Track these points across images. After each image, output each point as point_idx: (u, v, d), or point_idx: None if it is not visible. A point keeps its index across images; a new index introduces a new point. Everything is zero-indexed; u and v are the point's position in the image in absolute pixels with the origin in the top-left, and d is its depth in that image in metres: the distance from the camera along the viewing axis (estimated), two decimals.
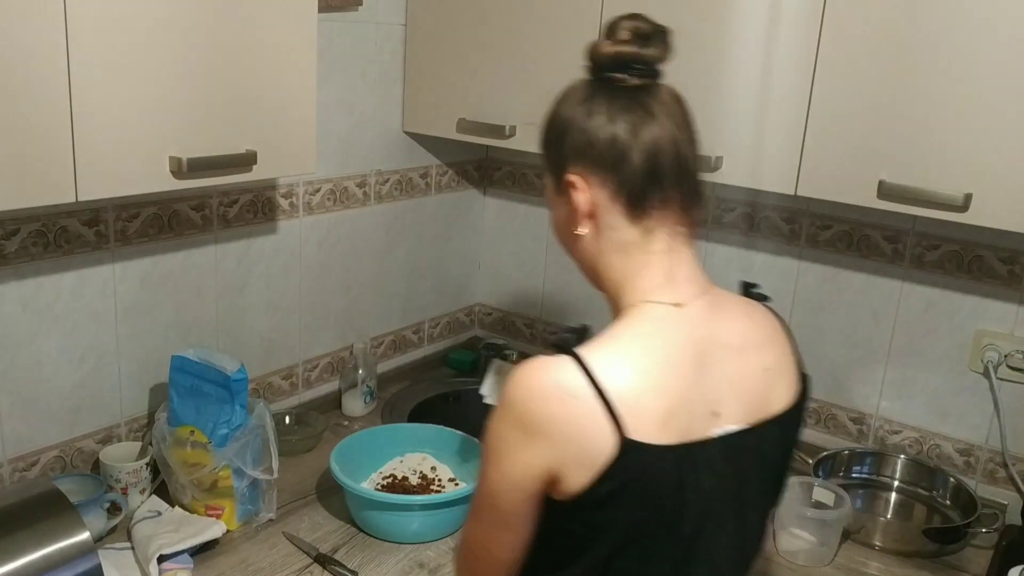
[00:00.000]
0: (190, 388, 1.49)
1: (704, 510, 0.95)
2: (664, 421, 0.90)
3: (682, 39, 1.56)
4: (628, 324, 0.95)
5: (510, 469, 0.91)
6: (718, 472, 0.94)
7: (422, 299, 2.21)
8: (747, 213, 1.90)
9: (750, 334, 1.01)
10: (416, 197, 2.11)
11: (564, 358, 0.89)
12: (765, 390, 1.00)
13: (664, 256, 0.96)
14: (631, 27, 0.95)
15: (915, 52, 1.36)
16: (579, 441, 0.88)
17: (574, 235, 0.99)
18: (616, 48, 0.95)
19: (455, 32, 1.87)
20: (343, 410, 1.97)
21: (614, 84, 0.95)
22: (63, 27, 1.10)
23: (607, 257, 0.98)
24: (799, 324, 1.88)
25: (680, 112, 0.97)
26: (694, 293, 0.97)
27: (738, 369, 0.98)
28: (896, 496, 1.76)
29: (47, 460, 1.51)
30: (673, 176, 0.95)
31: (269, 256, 1.80)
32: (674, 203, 0.96)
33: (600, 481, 0.88)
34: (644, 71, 0.95)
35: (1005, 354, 1.65)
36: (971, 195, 1.35)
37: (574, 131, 0.96)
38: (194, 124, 1.29)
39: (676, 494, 0.92)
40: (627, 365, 0.90)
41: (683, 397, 0.92)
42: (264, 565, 1.42)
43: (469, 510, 1.00)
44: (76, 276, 1.48)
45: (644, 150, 0.93)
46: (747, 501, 1.00)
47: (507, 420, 0.91)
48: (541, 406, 0.88)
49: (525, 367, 0.91)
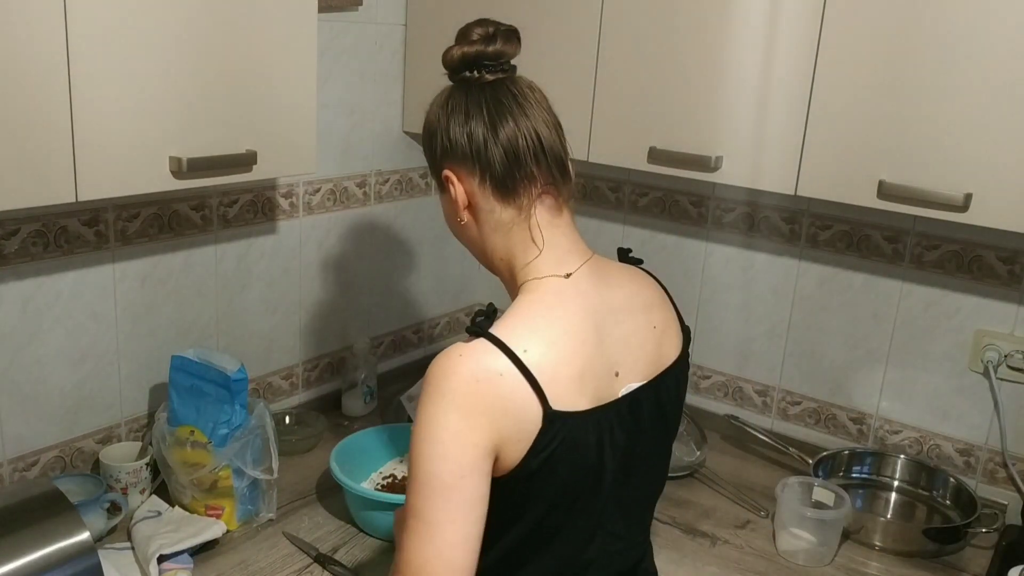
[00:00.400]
0: (190, 388, 1.49)
1: (618, 464, 1.04)
2: (578, 388, 0.98)
3: (682, 39, 1.57)
4: (528, 300, 1.03)
5: (459, 454, 0.93)
6: (627, 427, 1.04)
7: (422, 299, 2.21)
8: (747, 213, 1.90)
9: (635, 296, 1.11)
10: (416, 197, 2.11)
11: (482, 341, 0.96)
12: (657, 347, 1.10)
13: (536, 232, 1.05)
14: (478, 31, 1.06)
15: (915, 52, 1.36)
16: (513, 416, 0.94)
17: (460, 225, 1.09)
18: (462, 50, 1.06)
19: (455, 32, 1.86)
20: (343, 410, 1.97)
21: (470, 83, 1.06)
22: (63, 27, 1.10)
23: (491, 239, 1.08)
24: (799, 324, 1.88)
25: (536, 99, 1.06)
26: (577, 262, 1.06)
27: (630, 329, 1.07)
28: (896, 496, 1.76)
29: (47, 460, 1.51)
30: (532, 156, 1.03)
31: (269, 256, 1.80)
32: (538, 180, 1.05)
33: (532, 454, 0.95)
34: (494, 67, 1.05)
35: (1005, 354, 1.65)
36: (971, 195, 1.35)
37: (439, 133, 1.07)
38: (194, 124, 1.29)
39: (597, 454, 1.01)
40: (537, 339, 0.97)
41: (589, 362, 1.00)
42: (264, 565, 1.42)
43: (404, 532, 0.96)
44: (76, 276, 1.48)
45: (500, 137, 1.03)
46: (650, 448, 1.10)
47: (444, 408, 0.93)
48: (474, 388, 0.93)
49: (447, 356, 0.97)
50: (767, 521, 1.63)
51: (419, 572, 0.93)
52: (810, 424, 1.91)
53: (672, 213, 2.00)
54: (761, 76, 1.50)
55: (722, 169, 1.57)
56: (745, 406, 1.99)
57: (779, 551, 1.54)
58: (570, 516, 1.04)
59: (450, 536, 0.93)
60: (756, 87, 1.51)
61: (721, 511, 1.66)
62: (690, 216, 1.98)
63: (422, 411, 0.95)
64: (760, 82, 1.50)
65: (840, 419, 1.87)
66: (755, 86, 1.51)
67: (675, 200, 1.99)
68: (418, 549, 0.93)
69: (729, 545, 1.55)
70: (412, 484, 0.95)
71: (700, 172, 1.59)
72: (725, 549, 1.54)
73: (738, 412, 1.97)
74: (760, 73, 1.50)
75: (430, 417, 0.94)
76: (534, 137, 1.03)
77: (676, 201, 1.99)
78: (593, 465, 1.01)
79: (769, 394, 1.96)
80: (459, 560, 0.93)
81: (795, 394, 1.92)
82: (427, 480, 0.93)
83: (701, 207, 1.96)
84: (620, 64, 1.63)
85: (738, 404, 2.00)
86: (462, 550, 0.93)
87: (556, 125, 1.07)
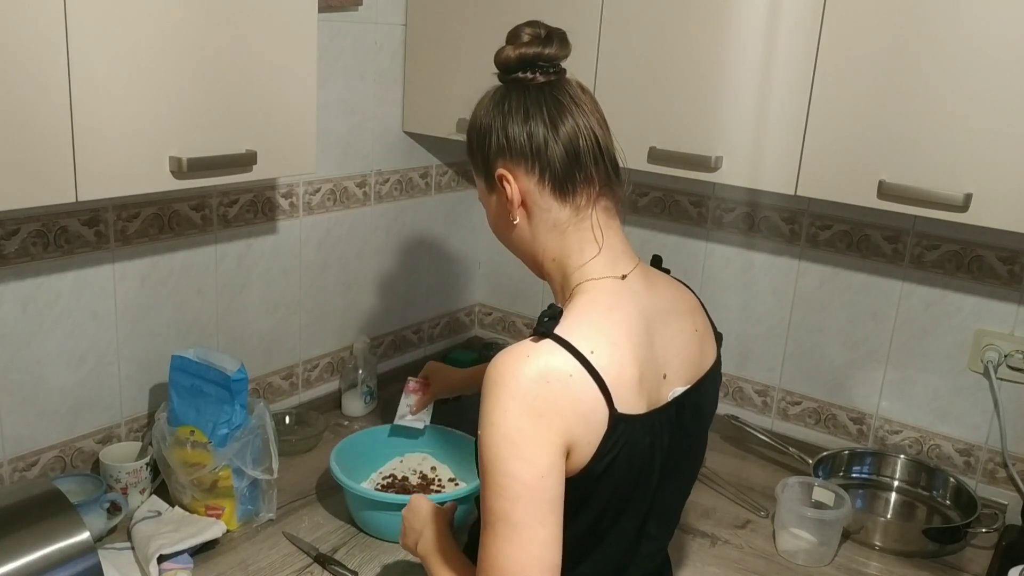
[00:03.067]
0: (190, 388, 1.49)
1: (663, 467, 1.04)
2: (638, 391, 0.98)
3: (682, 39, 1.56)
4: (586, 300, 1.02)
5: (538, 455, 0.91)
6: (672, 430, 1.05)
7: (422, 299, 2.21)
8: (747, 213, 1.90)
9: (679, 300, 1.13)
10: (416, 197, 2.11)
11: (549, 341, 0.95)
12: (700, 350, 1.12)
13: (597, 231, 1.05)
14: (529, 31, 1.06)
15: (915, 52, 1.36)
16: (583, 417, 0.93)
17: (511, 226, 1.08)
18: (519, 51, 1.05)
19: (455, 32, 1.87)
20: (343, 410, 1.97)
21: (524, 84, 1.05)
22: (63, 27, 1.10)
23: (543, 239, 1.07)
24: (799, 324, 1.88)
25: (588, 100, 1.06)
26: (630, 264, 1.07)
27: (676, 331, 1.08)
28: (896, 496, 1.76)
29: (47, 460, 1.51)
30: (591, 156, 1.04)
31: (269, 256, 1.80)
32: (596, 181, 1.05)
33: (597, 457, 0.95)
34: (548, 68, 1.06)
35: (1005, 354, 1.65)
36: (971, 195, 1.34)
37: (494, 132, 1.06)
38: (194, 124, 1.29)
39: (648, 458, 1.01)
40: (603, 340, 0.96)
41: (645, 364, 1.01)
42: (264, 565, 1.42)
43: (490, 538, 0.94)
44: (76, 276, 1.48)
45: (562, 137, 1.03)
46: (688, 452, 1.12)
47: (515, 411, 0.91)
48: (545, 389, 0.91)
49: (512, 356, 0.94)
50: (767, 521, 1.63)
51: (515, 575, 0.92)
52: (810, 424, 1.92)
53: (672, 213, 2.00)
54: (761, 76, 1.50)
55: (722, 169, 1.57)
56: (745, 406, 1.99)
57: (779, 551, 1.54)
58: (619, 519, 1.04)
59: (542, 536, 0.92)
60: (756, 87, 1.51)
61: (721, 511, 1.66)
62: (690, 216, 1.98)
63: (490, 413, 0.93)
64: (760, 82, 1.50)
65: (840, 419, 1.87)
66: (755, 86, 1.51)
67: (675, 200, 1.99)
68: (510, 553, 0.92)
69: (729, 545, 1.55)
70: (491, 488, 0.93)
71: (700, 172, 1.59)
72: (725, 549, 1.54)
73: (738, 412, 1.97)
74: (760, 73, 1.50)
75: (500, 419, 0.92)
76: (593, 137, 1.04)
77: (676, 201, 1.99)
78: (644, 469, 1.01)
79: (769, 394, 1.96)
80: (551, 558, 0.93)
81: (795, 394, 1.92)
82: (508, 484, 0.92)
83: (701, 207, 1.96)
84: (620, 64, 1.63)
85: (738, 404, 2.00)
86: (552, 548, 0.93)
87: (608, 127, 1.08)
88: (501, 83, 1.08)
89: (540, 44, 1.05)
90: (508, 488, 0.92)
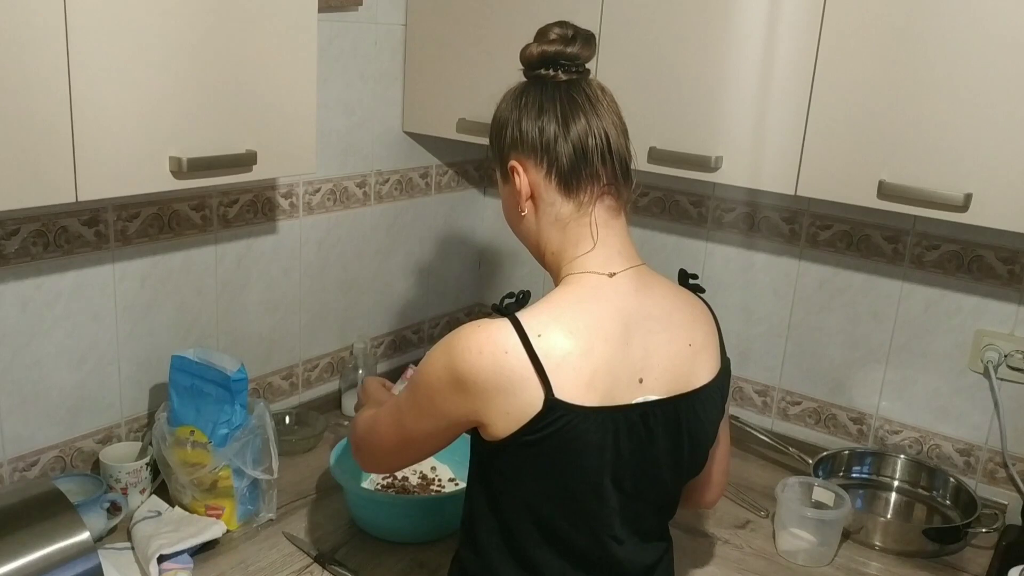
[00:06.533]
0: (190, 388, 1.49)
1: (627, 474, 1.05)
2: (588, 383, 1.00)
3: (682, 39, 1.56)
4: (563, 291, 1.07)
5: (432, 410, 1.05)
6: (639, 437, 1.05)
7: (422, 299, 2.21)
8: (747, 213, 1.90)
9: (676, 311, 1.12)
10: (416, 197, 2.11)
11: (502, 319, 1.01)
12: (689, 365, 1.10)
13: (594, 228, 1.08)
14: (556, 30, 1.10)
15: (915, 52, 1.36)
16: (507, 393, 0.98)
17: (520, 217, 1.13)
18: (542, 48, 1.09)
19: (455, 32, 1.87)
20: (343, 410, 1.97)
21: (545, 81, 1.09)
22: (63, 27, 1.10)
23: (547, 232, 1.11)
24: (799, 324, 1.88)
25: (606, 101, 1.09)
26: (624, 265, 1.08)
27: (663, 340, 1.08)
28: (896, 496, 1.76)
29: (47, 460, 1.51)
30: (599, 155, 1.06)
31: (269, 256, 1.80)
32: (602, 179, 1.08)
33: (524, 431, 0.99)
34: (570, 67, 1.09)
35: (1005, 354, 1.65)
36: (971, 195, 1.35)
37: (510, 125, 1.10)
38: (194, 124, 1.29)
39: (599, 454, 1.02)
40: (557, 328, 1.00)
41: (608, 361, 1.02)
42: (264, 565, 1.42)
43: (386, 408, 1.16)
44: (76, 276, 1.48)
45: (571, 133, 1.06)
46: (658, 462, 1.09)
47: (442, 365, 1.02)
48: (475, 358, 0.98)
49: (469, 324, 1.02)
50: (767, 521, 1.63)
51: (371, 429, 1.17)
52: (810, 424, 1.92)
53: (672, 213, 2.00)
54: (761, 76, 1.50)
55: (722, 169, 1.57)
56: (745, 406, 1.99)
57: (779, 551, 1.54)
58: (570, 508, 1.05)
59: (409, 424, 1.10)
60: (756, 87, 1.51)
61: (721, 511, 1.66)
62: (690, 216, 1.98)
63: (430, 354, 1.05)
64: (760, 82, 1.50)
65: (840, 419, 1.87)
66: (755, 86, 1.51)
67: (675, 200, 1.99)
68: (383, 419, 1.15)
69: (729, 545, 1.55)
70: (405, 390, 1.12)
71: (700, 172, 1.59)
72: (725, 549, 1.54)
73: (738, 412, 1.97)
74: (760, 73, 1.50)
75: (430, 363, 1.04)
76: (603, 137, 1.06)
77: (676, 201, 1.99)
78: (592, 466, 1.02)
79: (769, 394, 1.96)
80: (392, 446, 1.15)
81: (795, 394, 1.92)
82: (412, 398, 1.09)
83: (701, 207, 1.96)
84: (620, 64, 1.63)
85: (738, 404, 2.00)
86: (416, 442, 1.12)
87: (624, 129, 1.11)
88: (525, 79, 1.12)
89: (564, 43, 1.08)
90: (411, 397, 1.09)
